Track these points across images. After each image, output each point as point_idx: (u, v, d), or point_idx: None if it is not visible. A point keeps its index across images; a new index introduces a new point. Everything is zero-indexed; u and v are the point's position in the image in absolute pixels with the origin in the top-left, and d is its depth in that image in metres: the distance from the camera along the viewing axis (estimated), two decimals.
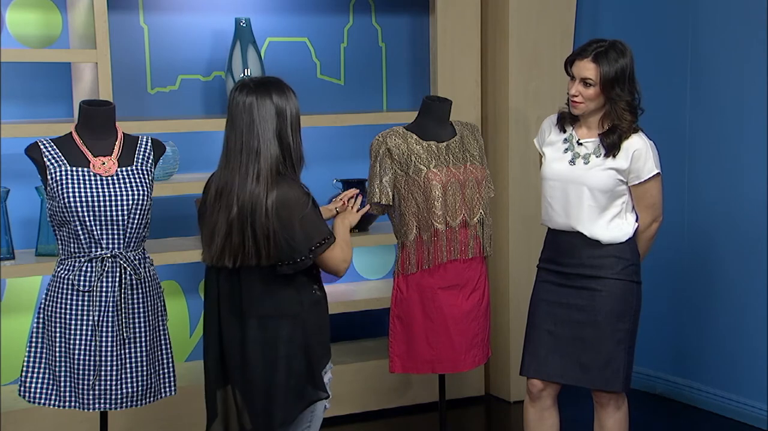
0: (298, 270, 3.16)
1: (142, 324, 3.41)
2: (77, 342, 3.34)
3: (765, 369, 4.75)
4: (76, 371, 3.36)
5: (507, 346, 5.14)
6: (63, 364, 3.38)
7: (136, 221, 3.37)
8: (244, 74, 4.64)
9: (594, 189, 3.62)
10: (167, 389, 3.53)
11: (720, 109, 4.93)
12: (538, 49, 5.04)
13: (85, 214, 3.30)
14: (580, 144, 3.67)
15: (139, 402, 3.44)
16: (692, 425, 4.95)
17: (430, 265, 3.89)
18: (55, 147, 3.37)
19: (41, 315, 3.42)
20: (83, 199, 3.30)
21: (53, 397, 3.41)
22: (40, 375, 3.41)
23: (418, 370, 3.99)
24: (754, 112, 4.74)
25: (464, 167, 3.94)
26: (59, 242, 3.41)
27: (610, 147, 3.61)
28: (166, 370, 3.52)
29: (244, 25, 4.69)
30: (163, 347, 3.51)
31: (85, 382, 3.37)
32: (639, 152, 3.62)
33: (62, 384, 3.39)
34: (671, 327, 5.19)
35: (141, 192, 3.38)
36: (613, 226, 3.67)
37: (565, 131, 3.73)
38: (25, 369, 3.42)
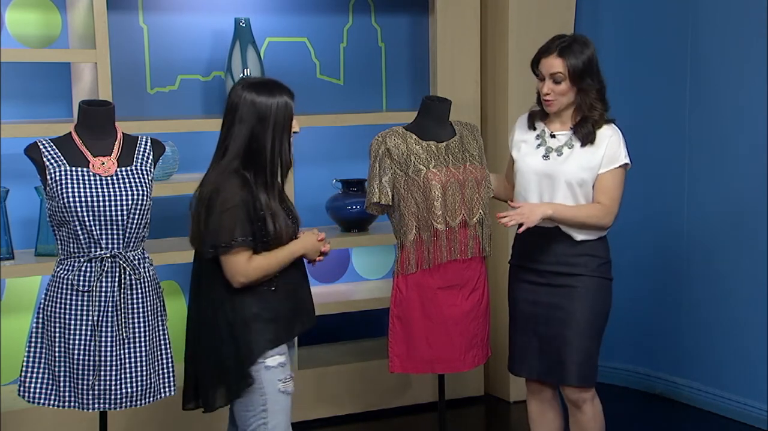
0: (211, 257, 3.23)
1: (142, 324, 3.41)
2: (76, 341, 3.34)
3: (765, 369, 4.74)
4: (75, 371, 3.36)
5: (507, 346, 5.13)
6: (62, 364, 3.37)
7: (135, 221, 3.37)
8: (243, 74, 4.64)
9: (571, 182, 3.63)
10: (166, 389, 3.53)
11: (720, 109, 4.93)
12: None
13: (85, 214, 3.30)
14: (554, 137, 3.68)
15: (138, 402, 3.44)
16: (692, 425, 4.95)
17: (429, 265, 3.89)
18: (54, 147, 3.36)
19: (41, 315, 3.42)
20: (83, 199, 3.30)
21: (53, 397, 3.41)
22: (40, 375, 3.41)
23: (418, 370, 3.99)
24: (754, 112, 4.74)
25: (464, 167, 3.93)
26: (59, 242, 3.41)
27: (585, 138, 3.62)
28: (165, 370, 3.52)
29: (244, 25, 4.69)
30: (163, 347, 3.51)
31: (85, 382, 3.36)
32: (613, 139, 3.65)
33: (62, 383, 3.38)
34: (671, 327, 5.18)
35: (140, 192, 3.38)
36: None
37: (535, 128, 3.73)
38: (24, 368, 3.41)
